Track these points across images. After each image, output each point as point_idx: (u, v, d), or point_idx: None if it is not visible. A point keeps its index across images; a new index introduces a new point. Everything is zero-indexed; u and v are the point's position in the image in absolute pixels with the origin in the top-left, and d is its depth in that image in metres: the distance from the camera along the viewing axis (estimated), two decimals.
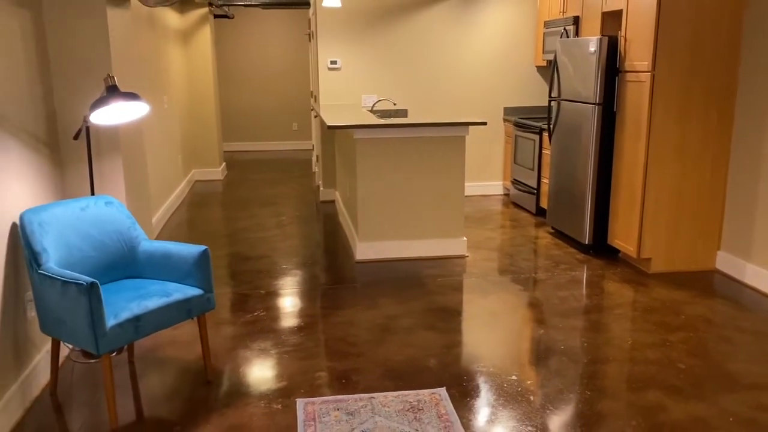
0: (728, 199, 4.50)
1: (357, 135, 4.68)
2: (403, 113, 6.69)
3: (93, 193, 3.32)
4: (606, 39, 4.63)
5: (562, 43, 5.29)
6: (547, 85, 7.04)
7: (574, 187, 5.10)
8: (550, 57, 6.33)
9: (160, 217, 5.97)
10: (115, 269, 3.07)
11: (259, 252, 5.23)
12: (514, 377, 3.10)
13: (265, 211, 6.71)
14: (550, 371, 3.16)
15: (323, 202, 7.03)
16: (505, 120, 7.06)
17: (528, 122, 6.38)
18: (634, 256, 4.57)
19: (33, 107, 3.11)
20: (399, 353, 3.36)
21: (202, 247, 2.97)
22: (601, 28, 5.00)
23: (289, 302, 4.13)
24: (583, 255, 5.00)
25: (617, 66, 4.66)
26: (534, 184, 6.26)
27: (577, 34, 5.61)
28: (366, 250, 4.88)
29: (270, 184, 8.25)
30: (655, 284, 4.35)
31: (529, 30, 6.93)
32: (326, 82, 6.74)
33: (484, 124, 4.78)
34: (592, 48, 4.71)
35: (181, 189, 7.28)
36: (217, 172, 8.57)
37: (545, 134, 5.98)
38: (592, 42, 4.70)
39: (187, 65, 8.20)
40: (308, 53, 10.87)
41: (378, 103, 6.66)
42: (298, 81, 11.36)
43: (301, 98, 11.42)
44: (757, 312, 3.87)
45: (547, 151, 5.95)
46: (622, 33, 4.56)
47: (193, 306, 2.90)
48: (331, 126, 4.55)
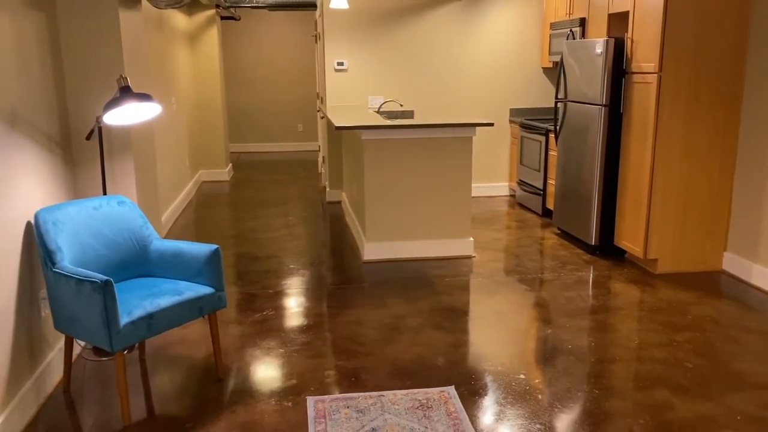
0: (735, 199, 4.51)
1: (365, 136, 4.71)
2: (409, 114, 6.72)
3: (105, 193, 3.35)
4: (613, 40, 4.65)
5: (569, 45, 5.31)
6: (553, 87, 7.06)
7: (581, 188, 5.12)
8: (556, 58, 6.35)
9: (168, 218, 6.01)
10: (128, 268, 3.11)
11: (266, 252, 5.26)
12: (521, 376, 3.12)
13: (271, 211, 6.75)
14: (557, 370, 3.18)
15: (330, 203, 7.06)
16: (511, 121, 7.08)
17: (534, 123, 6.40)
18: (641, 256, 4.58)
19: (46, 108, 3.15)
20: (407, 352, 3.39)
21: (214, 246, 3.01)
22: (607, 30, 5.03)
23: (298, 302, 4.16)
24: (589, 256, 5.02)
25: (624, 67, 4.68)
26: (540, 185, 6.28)
27: (583, 36, 5.63)
28: (373, 251, 4.91)
29: (276, 185, 8.29)
30: (661, 285, 4.37)
31: (535, 32, 6.96)
32: (333, 84, 6.78)
33: (491, 125, 4.81)
34: (599, 49, 4.73)
35: (188, 190, 7.33)
36: (223, 173, 8.61)
37: (551, 135, 6.00)
38: (599, 43, 4.73)
39: (194, 66, 8.25)
40: (314, 55, 10.90)
41: (385, 105, 6.69)
42: (304, 82, 11.39)
43: (306, 100, 11.45)
44: (763, 312, 3.89)
45: (553, 153, 5.97)
46: (629, 34, 4.59)
47: (204, 304, 2.94)
48: (339, 127, 4.58)
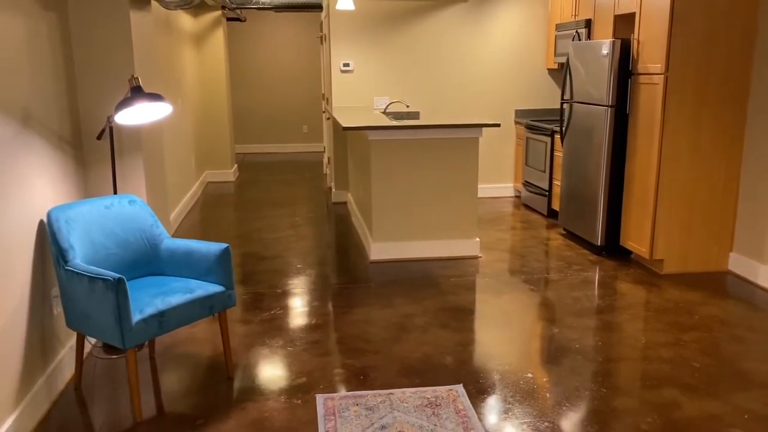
0: (741, 200, 4.52)
1: (371, 136, 4.74)
2: (415, 115, 6.74)
3: (116, 192, 3.38)
4: (619, 42, 4.67)
5: (575, 46, 5.33)
6: (558, 88, 7.08)
7: (587, 188, 5.14)
8: (562, 60, 6.37)
9: (174, 218, 6.04)
10: (138, 266, 3.13)
11: (273, 252, 5.29)
12: (529, 375, 3.14)
13: (277, 212, 6.77)
14: (564, 369, 3.19)
15: (335, 204, 7.08)
16: (516, 122, 7.10)
17: (540, 124, 6.42)
18: (647, 257, 4.60)
19: (57, 108, 3.18)
20: (415, 351, 3.41)
21: (224, 245, 3.03)
22: (613, 31, 5.04)
23: (305, 301, 4.18)
24: (595, 256, 5.04)
25: (630, 68, 4.69)
26: (545, 186, 6.29)
27: (589, 37, 5.64)
28: (380, 251, 4.93)
29: (281, 186, 8.31)
30: (667, 285, 4.38)
31: (541, 33, 6.98)
32: (339, 85, 6.81)
33: (498, 125, 4.83)
34: (605, 51, 4.75)
35: (194, 190, 7.36)
36: (229, 174, 8.64)
37: (557, 136, 6.02)
38: (605, 45, 4.74)
39: (200, 67, 8.28)
40: (319, 56, 10.93)
41: (391, 105, 6.71)
42: (309, 84, 11.42)
43: (311, 101, 11.48)
44: None
45: (558, 153, 5.99)
46: (635, 36, 4.60)
47: (215, 302, 2.96)
48: (347, 127, 4.61)
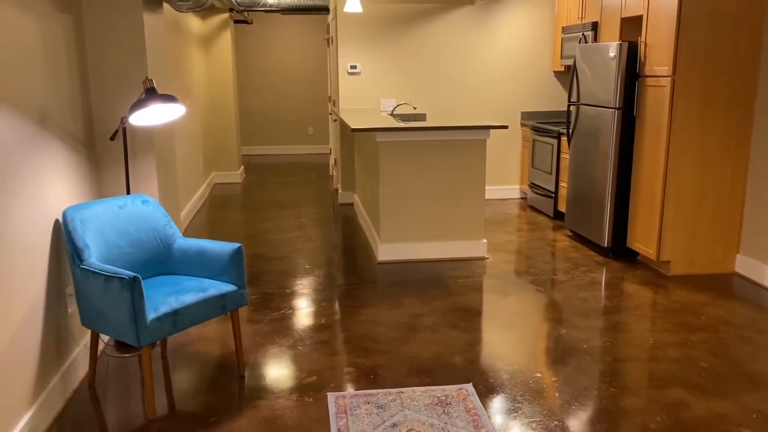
0: (747, 202, 4.54)
1: (380, 138, 4.77)
2: (421, 117, 6.76)
3: (129, 192, 3.42)
4: (626, 44, 4.69)
5: (582, 49, 5.36)
6: (564, 91, 7.10)
7: (594, 190, 5.16)
8: (568, 62, 6.40)
9: (182, 219, 6.08)
10: (151, 266, 3.17)
11: (281, 253, 5.32)
12: (538, 374, 3.16)
13: (284, 213, 6.81)
14: (573, 369, 3.22)
15: (342, 205, 7.12)
16: (523, 124, 7.12)
17: (546, 126, 6.44)
18: (654, 258, 4.62)
19: (72, 108, 3.22)
20: (424, 350, 3.44)
21: (236, 245, 3.06)
22: (619, 34, 5.07)
23: (314, 301, 4.21)
24: (602, 257, 5.06)
25: (637, 71, 4.72)
26: (552, 188, 6.32)
27: (595, 40, 5.67)
28: (388, 252, 4.96)
29: (288, 187, 8.35)
30: (674, 286, 4.40)
31: (547, 35, 7.00)
32: (346, 87, 6.84)
33: (506, 127, 4.85)
34: (612, 53, 4.77)
35: (201, 191, 7.40)
36: (236, 175, 8.69)
37: (563, 138, 6.04)
38: (612, 47, 4.77)
39: (208, 69, 8.33)
40: (325, 58, 10.99)
41: (398, 108, 6.75)
42: (315, 86, 11.47)
43: (317, 103, 11.53)
44: None
45: (565, 155, 6.01)
46: (643, 38, 4.63)
47: (227, 301, 2.99)
48: (356, 129, 4.64)
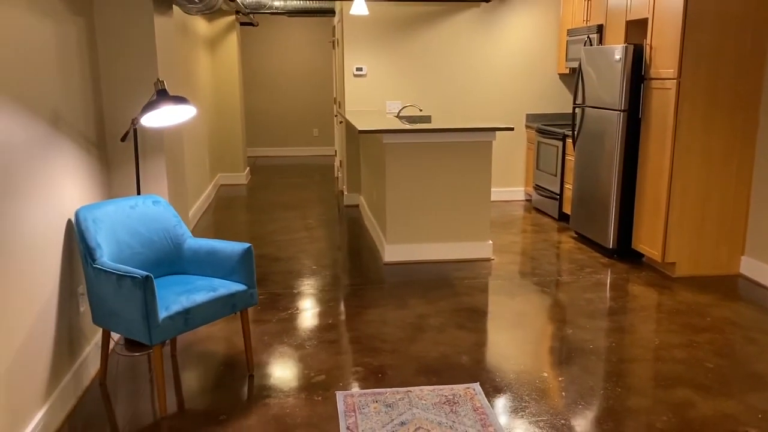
0: (752, 204, 4.56)
1: (386, 140, 4.80)
2: (426, 119, 6.80)
3: (139, 193, 3.46)
4: (632, 47, 4.72)
5: (587, 51, 5.39)
6: (569, 93, 7.13)
7: (599, 192, 5.18)
8: (573, 65, 6.42)
9: (189, 220, 6.11)
10: (162, 265, 3.20)
11: (288, 254, 5.35)
12: (544, 374, 3.19)
13: (290, 214, 6.85)
14: (579, 369, 3.24)
15: (347, 206, 7.15)
16: (528, 127, 7.15)
17: (551, 129, 6.47)
18: (659, 260, 4.64)
19: (84, 109, 3.25)
20: (431, 350, 3.46)
21: (246, 245, 3.10)
22: (625, 37, 5.10)
23: (321, 301, 4.24)
24: (607, 259, 5.08)
25: (642, 73, 4.74)
26: (557, 190, 6.34)
27: (600, 43, 5.70)
28: (394, 252, 4.99)
29: (293, 189, 8.39)
30: (679, 288, 4.42)
31: (552, 38, 7.03)
32: (351, 89, 6.88)
33: (512, 129, 4.88)
34: (618, 56, 4.80)
35: (208, 193, 7.44)
36: (241, 177, 8.73)
37: (568, 140, 6.07)
38: (618, 50, 4.80)
39: (214, 71, 8.38)
40: (331, 60, 11.03)
41: (404, 109, 6.78)
42: (320, 88, 11.51)
43: (322, 105, 11.57)
44: None
45: (570, 157, 6.04)
46: (648, 41, 4.65)
47: (237, 301, 3.03)
48: (363, 131, 4.67)
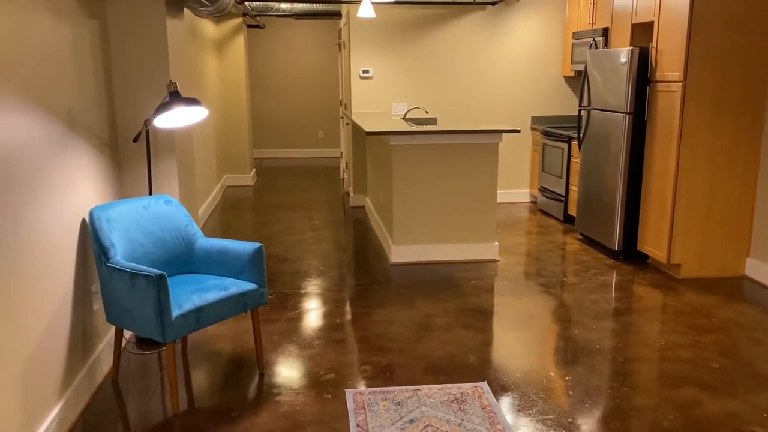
0: (757, 206, 4.59)
1: (393, 141, 4.84)
2: (432, 121, 6.84)
3: (151, 193, 3.50)
4: (637, 50, 4.75)
5: (593, 54, 5.42)
6: (575, 95, 7.17)
7: (604, 194, 5.22)
8: (578, 67, 6.46)
9: (199, 220, 6.15)
10: (174, 264, 3.25)
11: (295, 254, 5.40)
12: (551, 373, 3.22)
13: (297, 215, 6.89)
14: (586, 369, 3.28)
15: (353, 208, 7.19)
16: (533, 129, 7.18)
17: (556, 131, 6.51)
18: (664, 261, 4.67)
19: (98, 110, 3.30)
20: (439, 349, 3.50)
21: (257, 245, 3.14)
22: (630, 40, 5.13)
23: (329, 301, 4.28)
24: (612, 260, 5.11)
25: (648, 76, 4.78)
26: (562, 192, 6.37)
27: (606, 45, 5.73)
28: (400, 253, 5.03)
29: (299, 190, 8.44)
30: (685, 289, 4.45)
31: (558, 41, 7.07)
32: (358, 91, 6.93)
33: (518, 131, 4.92)
34: (624, 59, 4.83)
35: (215, 194, 7.49)
36: (247, 178, 8.78)
37: (574, 143, 6.10)
38: (624, 53, 4.83)
39: (221, 73, 8.43)
40: (337, 63, 11.08)
41: (410, 111, 6.82)
42: (325, 90, 11.56)
43: (327, 107, 11.62)
44: None
45: (575, 159, 6.07)
46: (654, 44, 4.69)
47: (248, 299, 3.07)
48: (370, 132, 4.72)
